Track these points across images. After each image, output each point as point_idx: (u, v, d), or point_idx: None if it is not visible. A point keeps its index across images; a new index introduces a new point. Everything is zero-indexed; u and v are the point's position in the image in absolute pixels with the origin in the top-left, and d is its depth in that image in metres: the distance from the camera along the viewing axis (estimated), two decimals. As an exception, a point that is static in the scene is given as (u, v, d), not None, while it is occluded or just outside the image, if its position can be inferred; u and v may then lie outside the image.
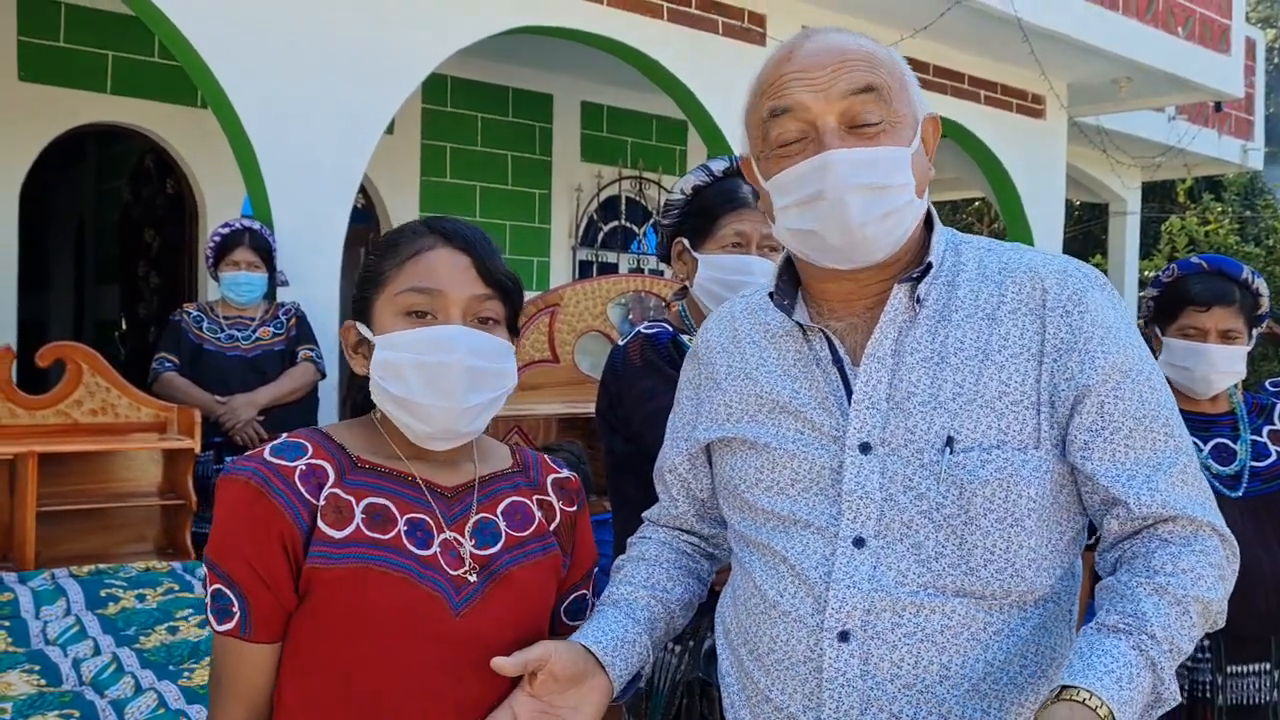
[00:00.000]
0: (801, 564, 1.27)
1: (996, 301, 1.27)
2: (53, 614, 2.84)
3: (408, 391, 1.28)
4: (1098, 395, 1.22)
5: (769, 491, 1.32)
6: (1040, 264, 1.29)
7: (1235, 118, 11.39)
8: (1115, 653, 1.12)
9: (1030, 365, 1.24)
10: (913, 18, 6.72)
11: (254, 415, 4.07)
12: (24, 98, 5.96)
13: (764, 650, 1.31)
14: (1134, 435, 1.22)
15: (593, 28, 5.68)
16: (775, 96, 1.27)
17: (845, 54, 1.25)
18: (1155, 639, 1.14)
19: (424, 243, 1.31)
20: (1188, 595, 1.17)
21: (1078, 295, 1.26)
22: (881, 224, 1.24)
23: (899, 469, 1.24)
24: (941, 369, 1.25)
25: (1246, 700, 2.25)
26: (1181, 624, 1.16)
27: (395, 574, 1.26)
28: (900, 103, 1.26)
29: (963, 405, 1.23)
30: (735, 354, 1.41)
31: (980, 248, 1.34)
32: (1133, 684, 1.10)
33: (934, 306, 1.28)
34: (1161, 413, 1.24)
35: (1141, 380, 1.24)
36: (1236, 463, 2.30)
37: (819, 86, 1.24)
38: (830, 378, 1.30)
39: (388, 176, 7.36)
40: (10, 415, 3.43)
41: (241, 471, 1.27)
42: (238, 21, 4.47)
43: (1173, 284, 2.37)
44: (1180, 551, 1.19)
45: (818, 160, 1.23)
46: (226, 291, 4.24)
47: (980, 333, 1.26)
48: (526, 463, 1.45)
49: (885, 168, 1.23)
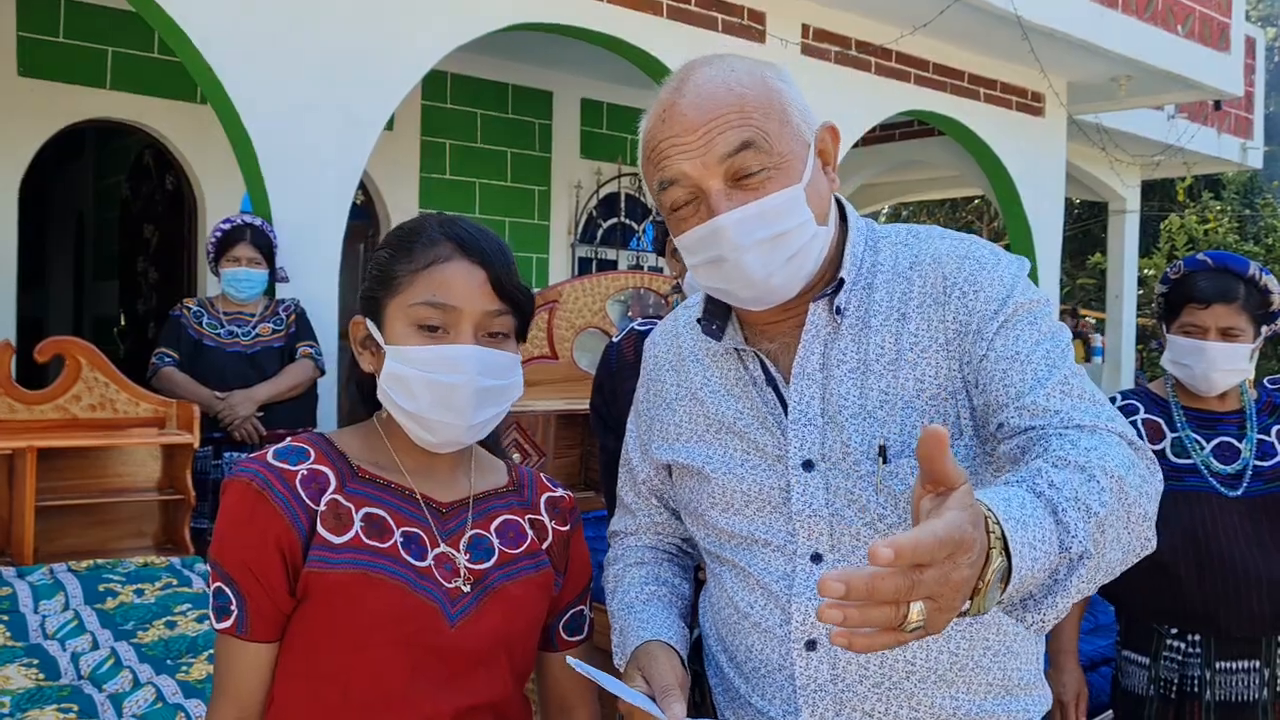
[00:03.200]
0: (765, 579, 1.30)
1: (906, 299, 1.27)
2: (51, 608, 2.84)
3: (417, 407, 1.29)
4: (978, 358, 1.20)
5: (726, 512, 1.34)
6: (945, 251, 1.28)
7: (1235, 116, 11.39)
8: (1005, 490, 0.98)
9: (940, 356, 1.24)
10: (912, 15, 6.72)
11: (253, 411, 4.08)
12: (23, 93, 5.96)
13: (741, 659, 1.35)
14: (1010, 369, 1.18)
15: (592, 24, 5.68)
16: (660, 168, 1.25)
17: (716, 110, 1.21)
18: (1054, 484, 1.00)
19: (440, 252, 1.30)
20: (1091, 464, 1.03)
21: (973, 276, 1.25)
22: (786, 268, 1.24)
23: (841, 483, 1.25)
24: (866, 377, 1.26)
25: (1235, 697, 2.25)
26: (1088, 487, 1.01)
27: (393, 582, 1.27)
28: (783, 140, 1.23)
29: (889, 411, 1.24)
30: (682, 372, 1.42)
31: (896, 242, 1.32)
32: (1025, 509, 0.94)
33: (855, 314, 1.28)
34: (1041, 344, 1.19)
35: (1021, 325, 1.20)
36: (1240, 461, 2.29)
37: (695, 153, 1.22)
38: (767, 397, 1.31)
39: (387, 173, 7.36)
40: (9, 410, 3.43)
41: (244, 473, 1.28)
42: (237, 17, 4.47)
43: (1178, 281, 2.36)
44: (1078, 437, 1.09)
45: (708, 227, 1.23)
46: (227, 287, 4.25)
47: (895, 333, 1.26)
48: (521, 481, 1.47)
49: (775, 217, 1.21)
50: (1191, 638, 2.27)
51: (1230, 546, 2.23)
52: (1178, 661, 2.28)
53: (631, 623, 1.39)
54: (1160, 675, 2.29)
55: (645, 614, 1.40)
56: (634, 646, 1.35)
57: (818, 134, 1.28)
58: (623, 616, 1.43)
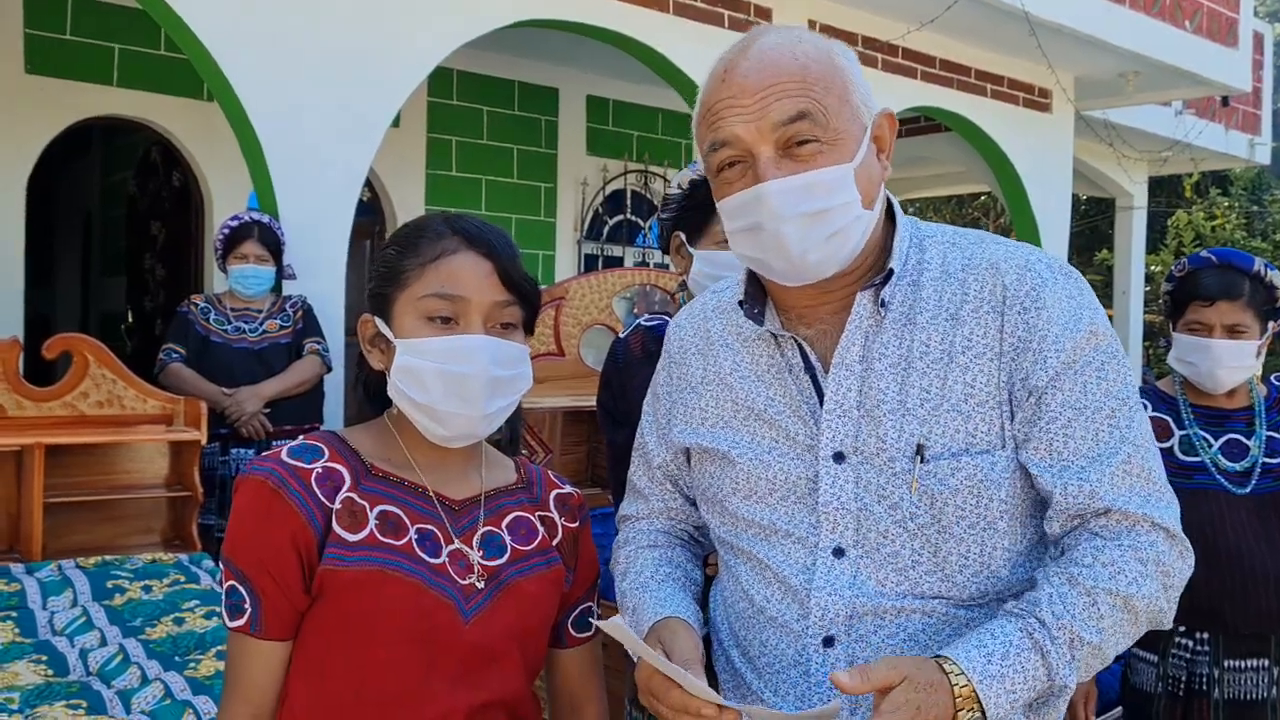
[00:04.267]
0: (784, 572, 1.28)
1: (960, 300, 1.26)
2: (60, 605, 2.85)
3: (429, 399, 1.29)
4: (1039, 391, 1.21)
5: (748, 500, 1.32)
6: (1002, 258, 1.27)
7: (1243, 112, 11.35)
8: (998, 631, 1.14)
9: (993, 365, 1.23)
10: (919, 10, 6.70)
11: (260, 407, 4.09)
12: (31, 90, 5.97)
13: (755, 654, 1.33)
14: (1072, 426, 1.20)
15: (598, 21, 5.67)
16: (713, 128, 1.25)
17: (777, 76, 1.21)
18: (1044, 623, 1.13)
19: (447, 245, 1.31)
20: (1098, 587, 1.15)
21: (1035, 291, 1.23)
22: (825, 246, 1.23)
23: (872, 478, 1.24)
24: (909, 374, 1.24)
25: (1244, 695, 2.25)
26: (1088, 614, 1.14)
27: (408, 579, 1.27)
28: (840, 118, 1.22)
29: (930, 411, 1.23)
30: (710, 357, 1.40)
31: (944, 243, 1.31)
32: (1007, 661, 1.11)
33: (899, 309, 1.27)
34: (1107, 403, 1.20)
35: (1088, 370, 1.21)
36: (1248, 459, 2.29)
37: (750, 116, 1.21)
38: (802, 385, 1.30)
39: (393, 170, 7.36)
40: (17, 407, 3.44)
41: (259, 471, 1.28)
42: (244, 15, 4.47)
43: (1183, 278, 2.36)
44: (1105, 545, 1.17)
45: (752, 193, 1.22)
46: (234, 284, 4.26)
47: (945, 334, 1.25)
48: (531, 478, 1.47)
49: (822, 191, 1.21)
50: (1200, 635, 2.26)
51: (1239, 543, 2.23)
52: (1186, 659, 2.27)
53: (647, 600, 1.37)
54: (1169, 673, 2.29)
55: (661, 593, 1.38)
56: (651, 623, 1.32)
57: (876, 119, 1.27)
58: (636, 595, 1.40)
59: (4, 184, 5.84)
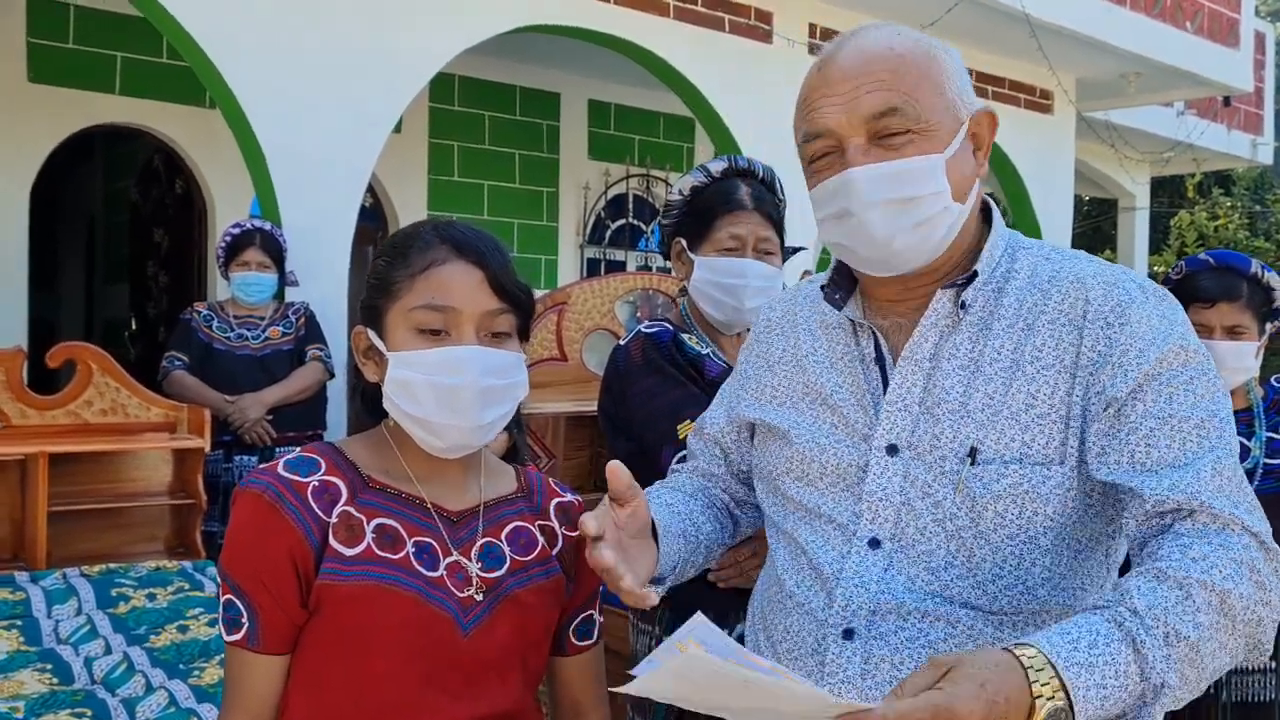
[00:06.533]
0: (818, 558, 1.28)
1: (1038, 311, 1.25)
2: (64, 613, 2.85)
3: (423, 411, 1.29)
4: (1119, 403, 1.17)
5: (799, 482, 1.33)
6: (1090, 274, 1.25)
7: (1245, 112, 11.35)
8: (1082, 621, 1.02)
9: (1062, 377, 1.21)
10: (920, 13, 6.70)
11: (263, 414, 4.10)
12: (34, 99, 5.98)
13: (778, 638, 1.33)
14: (1155, 434, 1.15)
15: (600, 26, 5.68)
16: (807, 119, 1.27)
17: (870, 66, 1.23)
18: (1136, 613, 1.02)
19: (436, 255, 1.30)
20: (1190, 579, 1.04)
21: (1121, 307, 1.21)
22: (911, 235, 1.23)
23: (920, 474, 1.24)
24: (975, 377, 1.24)
25: (1251, 698, 2.24)
26: (1182, 607, 1.02)
27: (405, 593, 1.27)
28: (934, 110, 1.23)
29: (990, 416, 1.22)
30: (791, 338, 1.42)
31: (1038, 255, 1.30)
32: (1095, 649, 0.99)
33: (979, 313, 1.27)
34: (1195, 413, 1.15)
35: (1175, 382, 1.17)
36: (1250, 460, 2.29)
37: (843, 105, 1.23)
38: (871, 375, 1.31)
39: (396, 175, 7.37)
40: (21, 415, 3.45)
41: (256, 485, 1.28)
42: (245, 22, 4.48)
43: (1180, 281, 2.36)
44: (1193, 542, 1.08)
45: (840, 178, 1.24)
46: (237, 291, 4.26)
47: (1017, 342, 1.24)
48: (530, 487, 1.46)
49: (910, 180, 1.22)
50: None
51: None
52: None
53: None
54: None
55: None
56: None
57: (975, 115, 1.28)
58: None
59: (8, 191, 5.86)
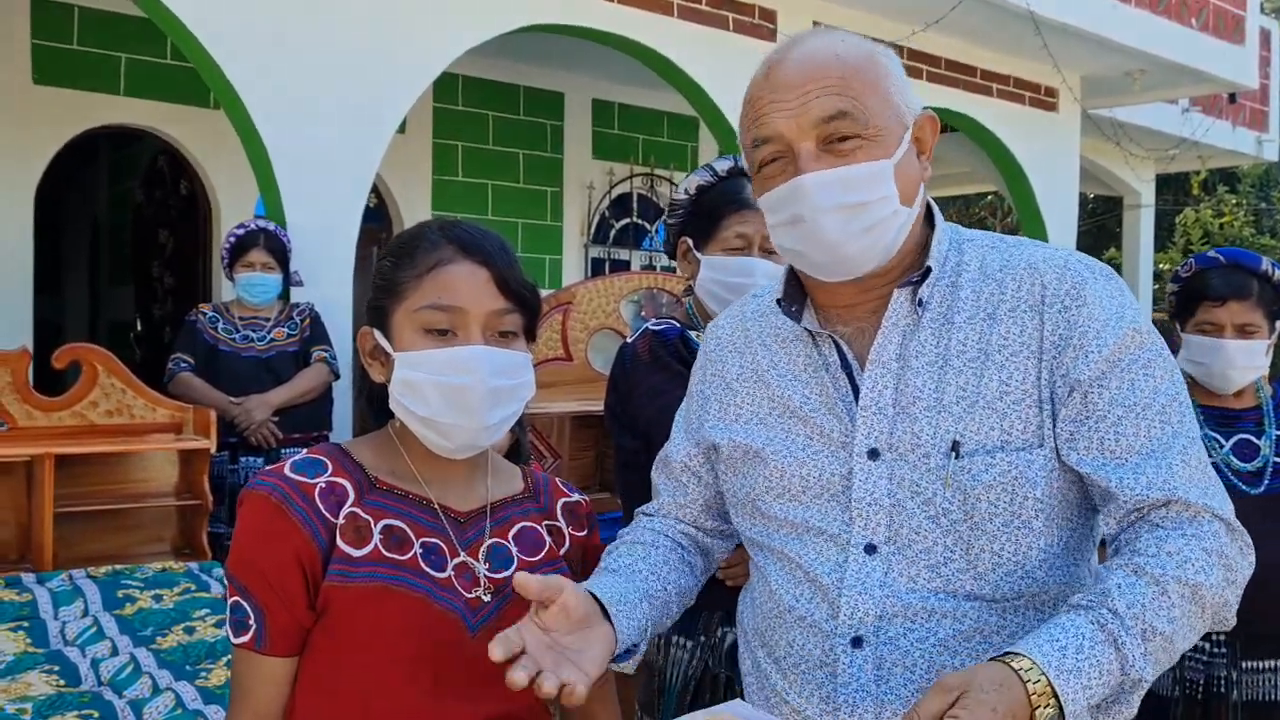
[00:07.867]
0: (815, 570, 1.28)
1: (997, 300, 1.27)
2: (71, 614, 2.85)
3: (430, 411, 1.28)
4: (1084, 387, 1.21)
5: (781, 499, 1.32)
6: (1041, 259, 1.28)
7: (1250, 109, 11.31)
8: (1068, 625, 1.09)
9: (1030, 362, 1.23)
10: (925, 11, 6.70)
11: (268, 416, 4.09)
12: (38, 101, 5.99)
13: (781, 654, 1.32)
14: (1123, 423, 1.19)
15: (603, 25, 5.67)
16: (756, 125, 1.28)
17: (819, 73, 1.24)
18: (1117, 614, 1.09)
19: (442, 255, 1.30)
20: (1166, 575, 1.12)
21: (1076, 289, 1.24)
22: (862, 239, 1.25)
23: (906, 475, 1.24)
24: (945, 372, 1.25)
25: (1262, 696, 2.24)
26: (1159, 604, 1.11)
27: (413, 594, 1.27)
28: (880, 116, 1.25)
29: (966, 408, 1.23)
30: (747, 355, 1.41)
31: (983, 245, 1.33)
32: (1082, 654, 1.06)
33: (937, 309, 1.28)
34: (1157, 400, 1.20)
35: (1135, 368, 1.21)
36: (1260, 459, 2.28)
37: (791, 111, 1.24)
38: (839, 383, 1.30)
39: (400, 176, 7.37)
40: (27, 417, 3.45)
41: (262, 487, 1.28)
42: (249, 22, 4.48)
43: (1190, 279, 2.35)
44: (1168, 535, 1.15)
45: (792, 185, 1.25)
46: (242, 292, 4.26)
47: (981, 333, 1.26)
48: (537, 487, 1.46)
49: (860, 185, 1.23)
50: (1217, 638, 2.25)
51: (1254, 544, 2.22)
52: (1204, 662, 2.26)
53: (592, 580, 1.31)
54: (1186, 676, 2.27)
55: (598, 580, 1.32)
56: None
57: (918, 119, 1.30)
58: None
59: (13, 193, 5.87)
